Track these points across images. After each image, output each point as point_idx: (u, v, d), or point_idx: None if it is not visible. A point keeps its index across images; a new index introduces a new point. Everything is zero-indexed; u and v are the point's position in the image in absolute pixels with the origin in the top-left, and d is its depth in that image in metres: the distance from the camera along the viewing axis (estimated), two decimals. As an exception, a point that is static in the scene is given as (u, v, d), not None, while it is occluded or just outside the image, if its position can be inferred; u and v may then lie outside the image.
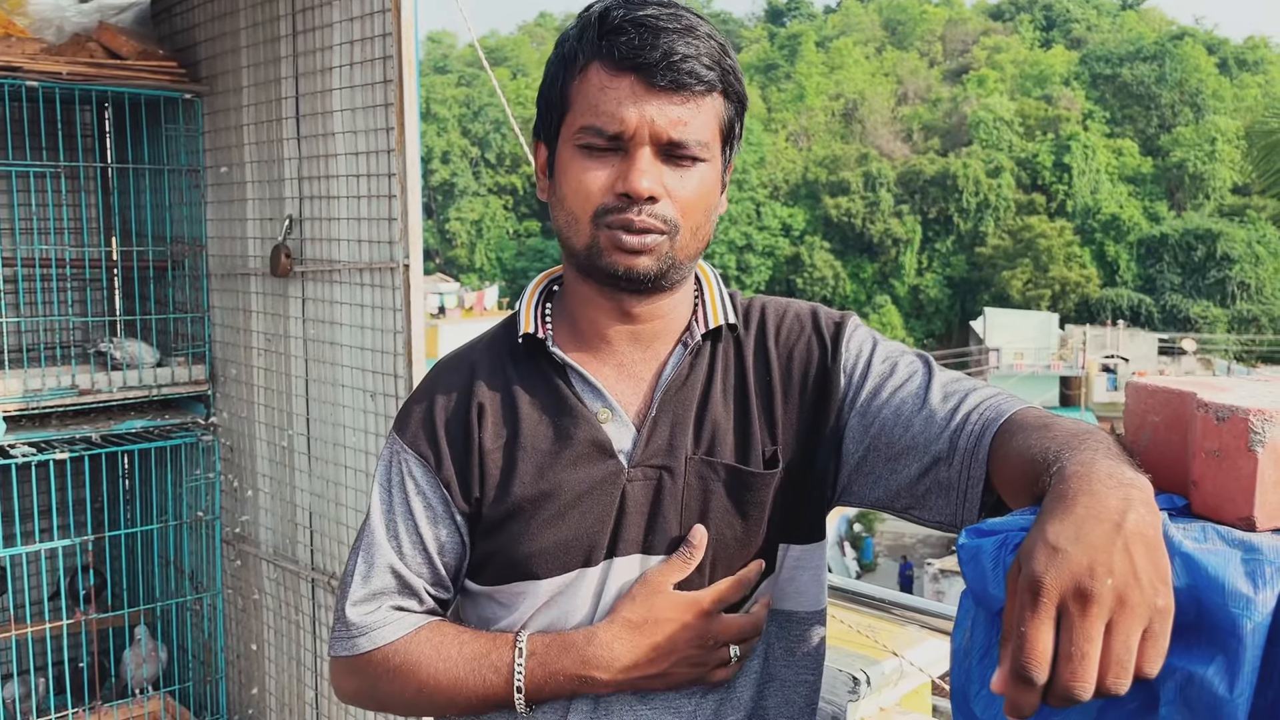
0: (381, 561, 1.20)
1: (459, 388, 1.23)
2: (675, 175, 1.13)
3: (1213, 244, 46.64)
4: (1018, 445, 1.01)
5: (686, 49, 1.10)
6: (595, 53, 1.12)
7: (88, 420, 3.25)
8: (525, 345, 1.23)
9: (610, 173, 1.12)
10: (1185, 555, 0.78)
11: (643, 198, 1.11)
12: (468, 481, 1.20)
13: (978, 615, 0.88)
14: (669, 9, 1.12)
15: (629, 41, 1.10)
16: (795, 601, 1.25)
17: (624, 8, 1.12)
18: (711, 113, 1.14)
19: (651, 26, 1.10)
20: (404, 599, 1.21)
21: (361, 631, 1.19)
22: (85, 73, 3.05)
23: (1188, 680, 0.75)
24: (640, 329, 1.22)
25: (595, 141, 1.12)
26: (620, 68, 1.10)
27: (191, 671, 3.55)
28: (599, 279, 1.18)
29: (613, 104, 1.10)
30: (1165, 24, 67.27)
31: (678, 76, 1.09)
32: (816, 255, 52.56)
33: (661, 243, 1.14)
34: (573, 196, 1.15)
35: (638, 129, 1.10)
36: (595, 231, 1.14)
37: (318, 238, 2.86)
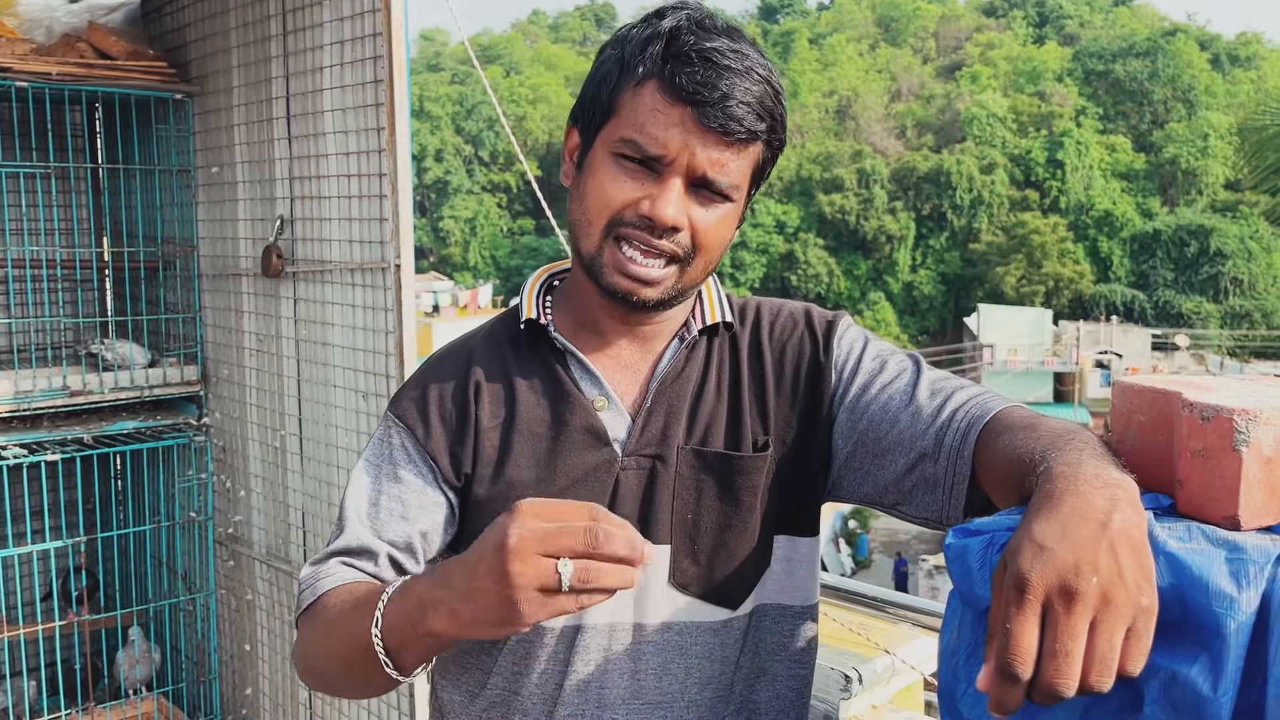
0: (348, 529, 1.19)
1: (456, 370, 1.24)
2: (701, 209, 1.14)
3: (1205, 240, 46.77)
4: (1004, 445, 1.02)
5: (744, 95, 1.10)
6: (657, 72, 1.11)
7: (79, 421, 3.24)
8: (527, 332, 1.25)
9: (638, 189, 1.13)
10: (1170, 555, 0.78)
11: (666, 226, 1.12)
12: (459, 457, 1.20)
13: (965, 615, 0.88)
14: (735, 46, 1.12)
15: (692, 75, 1.09)
16: (790, 596, 1.26)
17: (695, 35, 1.11)
18: (750, 158, 1.15)
19: (717, 64, 1.10)
20: (358, 559, 1.17)
21: (306, 585, 1.16)
22: (75, 73, 3.05)
23: (1172, 679, 0.75)
24: (640, 329, 1.24)
25: (632, 155, 1.12)
26: (677, 97, 1.10)
27: (185, 672, 3.55)
28: (599, 290, 1.19)
29: (660, 129, 1.10)
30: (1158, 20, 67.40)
31: (728, 123, 1.10)
32: (811, 252, 52.62)
33: (671, 274, 1.15)
34: (594, 198, 1.15)
35: (677, 158, 1.11)
36: (603, 241, 1.15)
37: (309, 238, 2.86)
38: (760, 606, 1.24)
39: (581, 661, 1.19)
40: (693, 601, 1.20)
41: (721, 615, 1.21)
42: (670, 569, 1.20)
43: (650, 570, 1.19)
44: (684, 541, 1.20)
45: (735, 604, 1.22)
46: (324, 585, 1.14)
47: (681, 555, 1.20)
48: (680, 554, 1.20)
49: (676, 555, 1.20)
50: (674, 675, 1.20)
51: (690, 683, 1.20)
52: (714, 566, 1.20)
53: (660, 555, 1.20)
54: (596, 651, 1.19)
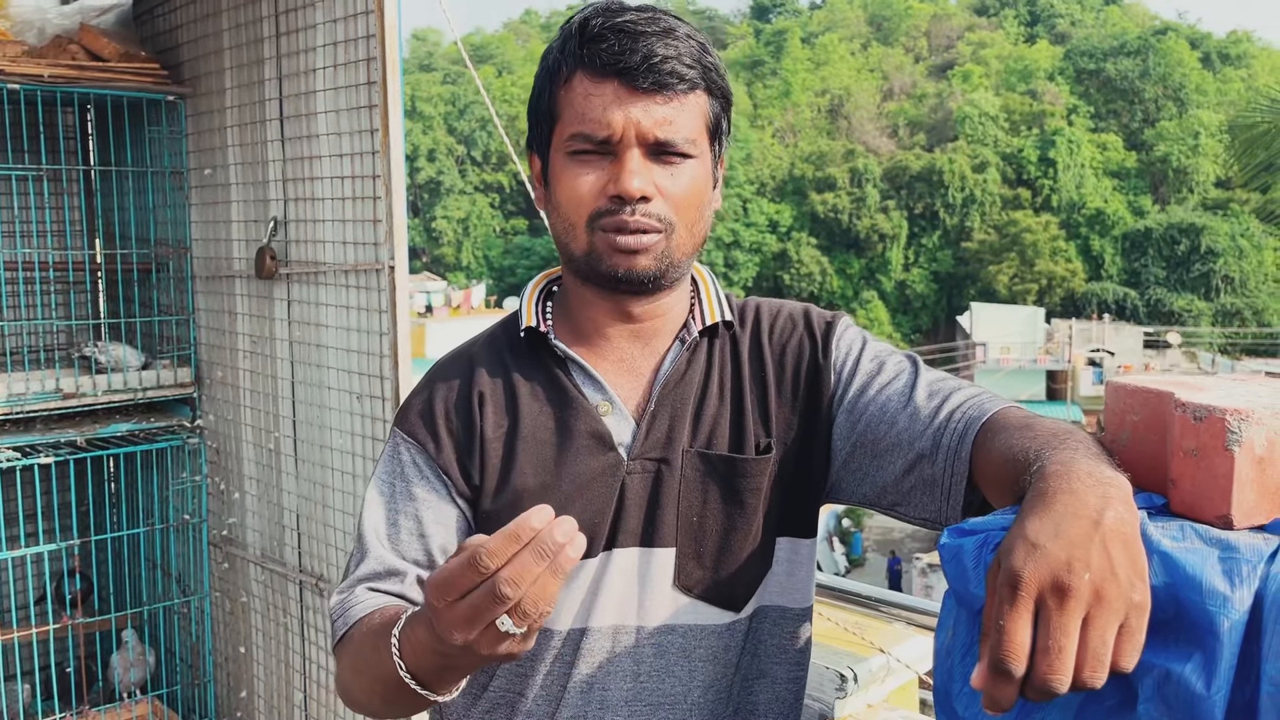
0: (371, 553, 1.19)
1: (459, 379, 1.25)
2: (665, 174, 1.15)
3: (1196, 238, 46.89)
4: (1000, 444, 1.02)
5: (666, 50, 1.12)
6: (578, 62, 1.14)
7: (73, 424, 3.23)
8: (527, 339, 1.25)
9: (602, 176, 1.14)
10: (1163, 553, 0.79)
11: (634, 198, 1.13)
12: (468, 467, 1.21)
13: (960, 614, 0.89)
14: (647, 14, 1.15)
15: (610, 48, 1.12)
16: (789, 597, 1.26)
17: (603, 16, 1.14)
18: (696, 110, 1.16)
19: (630, 31, 1.12)
20: (382, 581, 1.17)
21: (337, 615, 1.16)
22: (67, 75, 3.04)
23: (1165, 677, 0.76)
24: (640, 327, 1.24)
25: (585, 147, 1.14)
26: (603, 74, 1.12)
27: (180, 675, 3.54)
28: (599, 282, 1.20)
29: (598, 110, 1.12)
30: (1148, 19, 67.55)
31: (659, 77, 1.12)
32: (803, 251, 52.65)
33: (658, 242, 1.16)
34: (567, 203, 1.17)
35: (624, 132, 1.12)
36: (591, 236, 1.16)
37: (302, 239, 2.86)
38: (761, 608, 1.24)
39: (585, 664, 1.19)
40: (697, 604, 1.20)
41: (725, 618, 1.21)
42: (675, 572, 1.20)
43: (656, 572, 1.19)
44: (689, 544, 1.20)
45: (739, 606, 1.22)
46: (354, 614, 1.14)
47: (687, 558, 1.20)
48: (685, 557, 1.20)
49: (682, 558, 1.20)
50: (677, 677, 1.20)
51: (693, 685, 1.20)
52: (719, 569, 1.20)
53: (665, 558, 1.20)
54: (600, 653, 1.19)
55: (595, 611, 1.18)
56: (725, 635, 1.22)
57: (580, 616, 1.19)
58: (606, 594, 1.18)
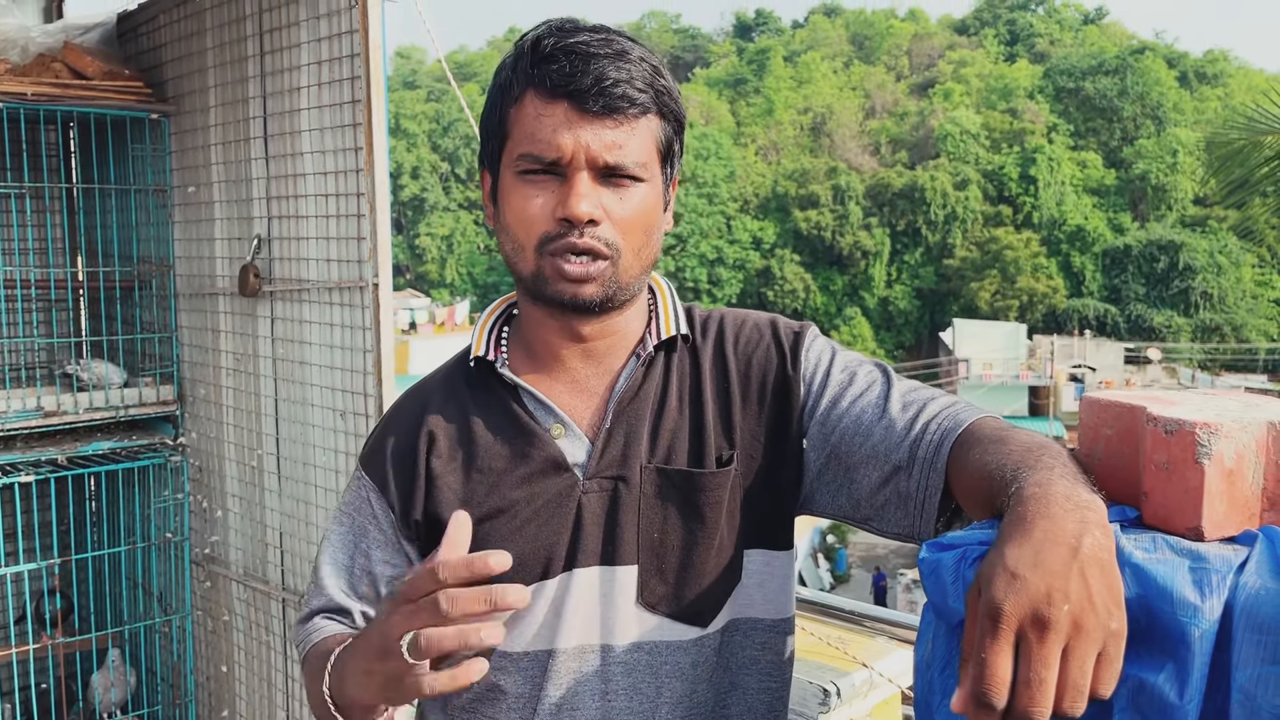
0: (324, 585, 1.27)
1: (412, 417, 1.26)
2: (614, 197, 1.14)
3: (1175, 254, 47.33)
4: (975, 458, 1.02)
5: (618, 74, 1.11)
6: (529, 81, 1.13)
7: (53, 442, 3.21)
8: (478, 369, 1.26)
9: (550, 199, 1.13)
10: (1135, 565, 0.80)
11: (582, 221, 1.12)
12: (408, 507, 1.23)
13: (938, 628, 0.90)
14: (600, 35, 1.13)
15: (561, 69, 1.11)
16: (761, 609, 1.25)
17: (556, 35, 1.13)
18: (647, 134, 1.15)
19: (582, 53, 1.11)
20: (336, 615, 1.26)
21: (300, 642, 1.26)
22: (50, 93, 3.04)
23: (1139, 687, 0.77)
24: (592, 346, 1.23)
25: (533, 168, 1.13)
26: (553, 95, 1.11)
27: (161, 694, 3.52)
28: (546, 304, 1.19)
29: (548, 131, 1.11)
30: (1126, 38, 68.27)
31: (610, 101, 1.11)
32: (787, 268, 52.85)
33: (605, 269, 1.15)
34: (516, 224, 1.16)
35: (574, 154, 1.11)
36: (539, 260, 1.15)
37: (286, 257, 2.86)
38: (732, 622, 1.23)
39: (554, 685, 1.18)
40: (662, 621, 1.19)
41: (692, 634, 1.20)
42: (638, 589, 1.19)
43: (619, 590, 1.19)
44: (651, 561, 1.19)
45: (706, 622, 1.21)
46: (309, 643, 1.24)
47: (649, 575, 1.19)
48: (648, 574, 1.19)
49: (644, 575, 1.19)
50: (645, 695, 1.19)
51: (661, 702, 1.19)
52: (682, 585, 1.19)
53: (628, 576, 1.19)
54: (568, 675, 1.18)
55: (560, 633, 1.18)
56: (693, 650, 1.20)
57: (545, 638, 1.18)
58: (570, 614, 1.18)
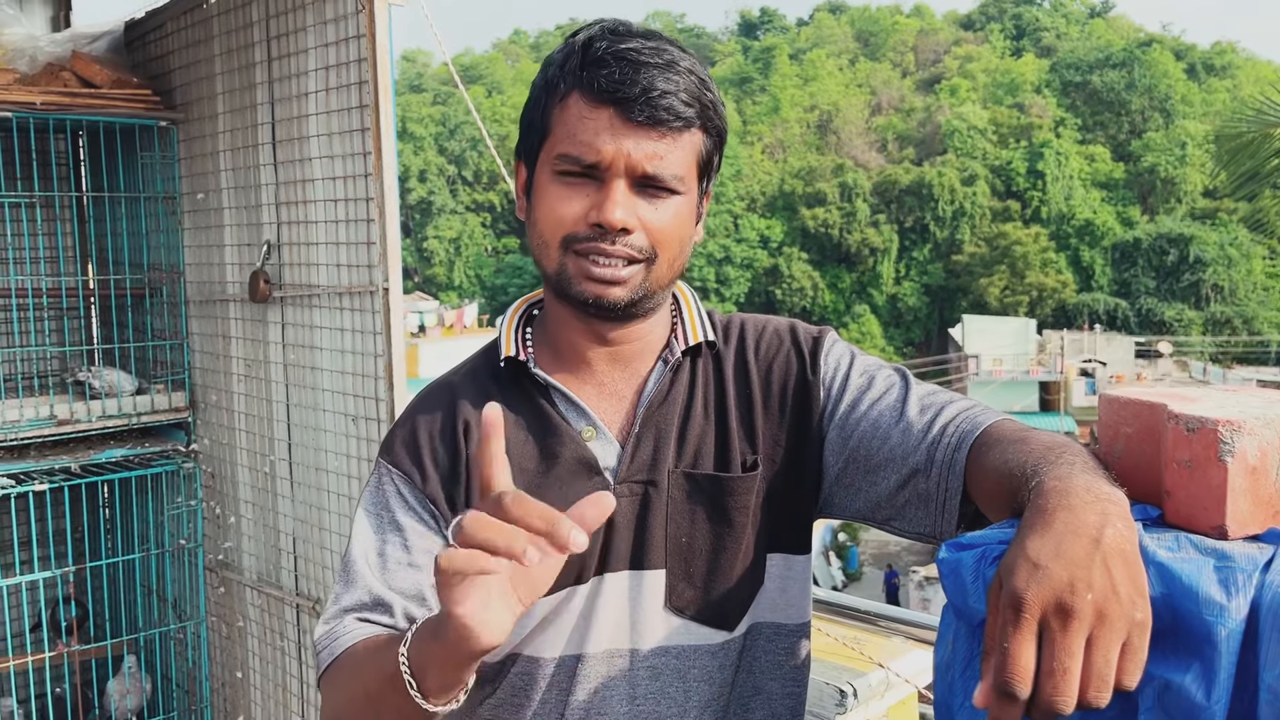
0: (359, 582, 1.18)
1: (443, 409, 1.24)
2: (650, 207, 1.14)
3: (1185, 247, 47.16)
4: (994, 459, 1.02)
5: (666, 85, 1.10)
6: (577, 82, 1.13)
7: (67, 450, 3.22)
8: (508, 368, 1.24)
9: (584, 202, 1.13)
10: (1160, 564, 0.79)
11: (615, 229, 1.12)
12: (454, 496, 1.19)
13: (959, 628, 0.89)
14: (652, 43, 1.13)
15: (610, 75, 1.10)
16: (783, 614, 1.26)
17: (608, 39, 1.13)
18: (689, 147, 1.15)
19: (633, 61, 1.11)
20: (373, 613, 1.16)
21: (324, 646, 1.15)
22: (59, 102, 3.05)
23: (1165, 688, 0.77)
24: (618, 350, 1.23)
25: (571, 169, 1.13)
26: (600, 100, 1.11)
27: (176, 701, 3.52)
28: (570, 303, 1.19)
29: (590, 134, 1.11)
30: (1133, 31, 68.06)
31: (655, 113, 1.10)
32: (794, 266, 52.80)
33: (637, 273, 1.15)
34: (545, 221, 1.16)
35: (614, 161, 1.11)
36: (563, 258, 1.15)
37: (296, 263, 2.86)
38: (755, 626, 1.24)
39: (582, 689, 1.18)
40: (689, 625, 1.20)
41: (719, 637, 1.21)
42: (666, 593, 1.19)
43: (647, 595, 1.19)
44: (679, 565, 1.19)
45: (731, 625, 1.21)
46: (344, 643, 1.12)
47: (677, 579, 1.19)
48: (676, 578, 1.19)
49: (672, 579, 1.19)
50: (672, 699, 1.20)
51: (689, 706, 1.20)
52: (709, 589, 1.20)
53: (656, 580, 1.19)
54: (596, 679, 1.18)
55: (589, 637, 1.18)
56: (719, 654, 1.21)
57: (574, 643, 1.18)
58: (600, 619, 1.18)
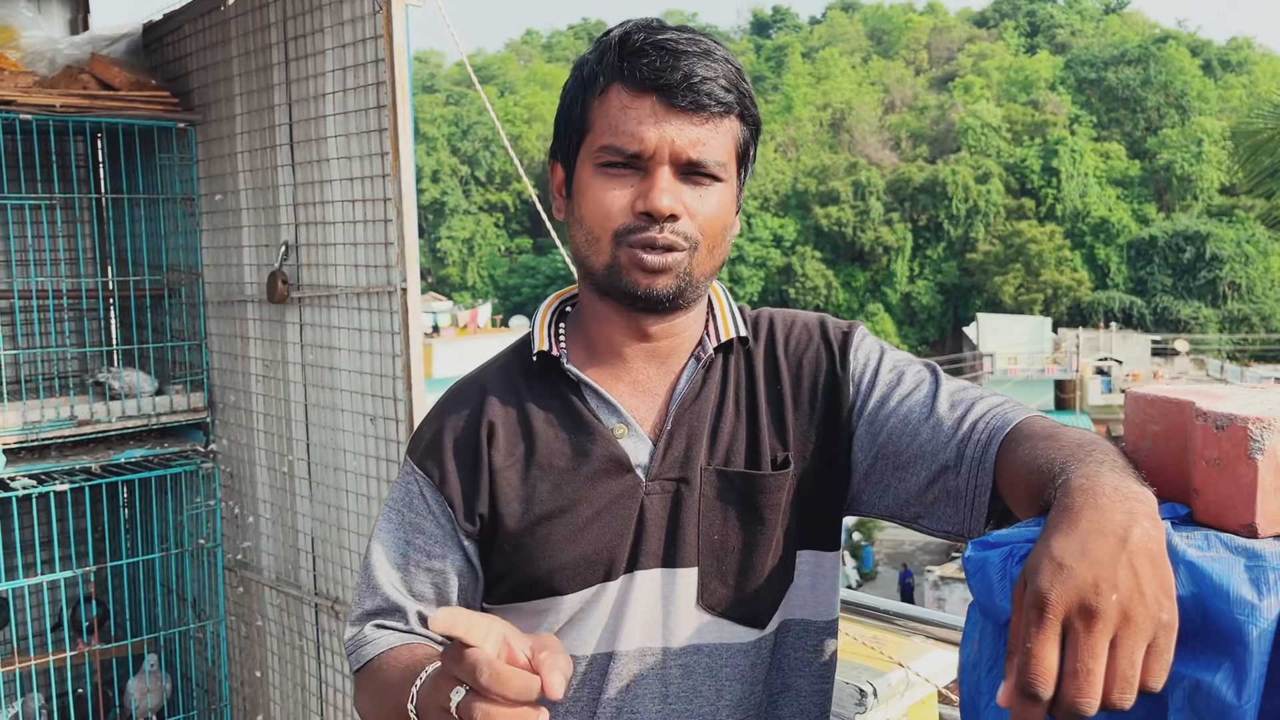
0: (377, 583, 1.22)
1: (469, 409, 1.24)
2: (694, 194, 1.15)
3: (1202, 245, 46.84)
4: (1024, 455, 1.02)
5: (706, 71, 1.12)
6: (616, 74, 1.14)
7: (87, 451, 3.24)
8: (540, 364, 1.24)
9: (630, 192, 1.14)
10: (1189, 563, 0.79)
11: (664, 216, 1.12)
12: (472, 500, 1.20)
13: (985, 627, 0.89)
14: (688, 34, 1.15)
15: (650, 63, 1.12)
16: (812, 610, 1.26)
17: (644, 32, 1.15)
18: (729, 134, 1.16)
19: (672, 49, 1.12)
20: (389, 619, 1.22)
21: (351, 650, 1.23)
22: (78, 104, 3.07)
23: (1195, 688, 0.76)
24: (656, 346, 1.23)
25: (615, 159, 1.14)
26: (642, 88, 1.12)
27: (196, 700, 3.54)
28: (617, 298, 1.19)
29: (633, 123, 1.12)
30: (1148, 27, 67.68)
31: (697, 98, 1.12)
32: (808, 265, 52.66)
33: (681, 259, 1.15)
34: (592, 216, 1.16)
35: (658, 148, 1.12)
36: (616, 250, 1.15)
37: (314, 263, 2.87)
38: (785, 623, 1.24)
39: (614, 687, 1.18)
40: (722, 623, 1.20)
41: (750, 635, 1.21)
42: (699, 591, 1.19)
43: (680, 592, 1.19)
44: (712, 563, 1.19)
45: (763, 623, 1.21)
46: (366, 653, 1.20)
47: (710, 577, 1.19)
48: (709, 576, 1.19)
49: (705, 577, 1.19)
50: (705, 697, 1.19)
51: (721, 704, 1.20)
52: (742, 586, 1.19)
53: (688, 578, 1.19)
54: (628, 676, 1.18)
55: (621, 635, 1.18)
56: (751, 652, 1.21)
57: (606, 640, 1.18)
58: (631, 616, 1.18)
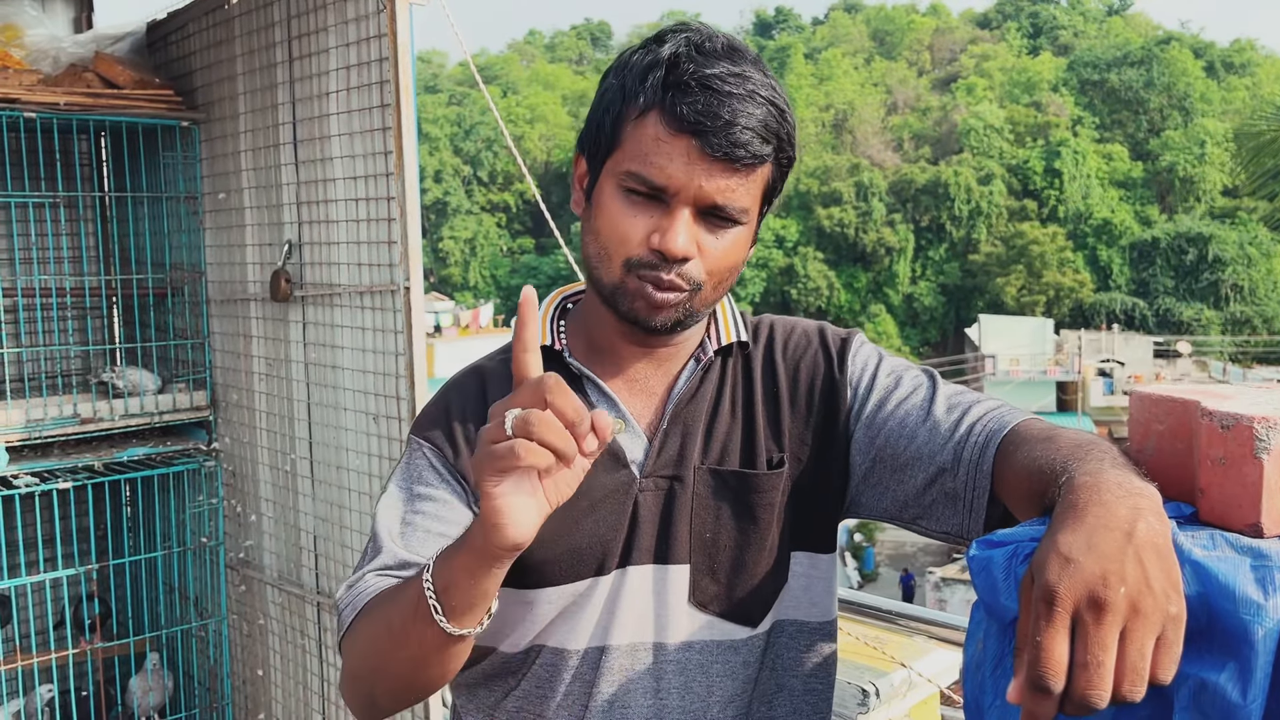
0: (385, 550, 1.17)
1: (474, 391, 1.25)
2: (710, 236, 1.14)
3: (1204, 247, 46.81)
4: (1023, 456, 1.02)
5: (747, 120, 1.09)
6: (658, 102, 1.11)
7: (90, 449, 3.25)
8: (542, 357, 1.25)
9: (649, 223, 1.12)
10: (1195, 563, 0.79)
11: (676, 258, 1.12)
12: None
13: (990, 627, 0.88)
14: (736, 70, 1.11)
15: (694, 105, 1.08)
16: (807, 612, 1.26)
17: (694, 62, 1.10)
18: (759, 182, 1.14)
19: (718, 91, 1.09)
20: (397, 572, 1.14)
21: (346, 604, 1.14)
22: (82, 103, 3.07)
23: (1201, 687, 0.76)
24: (657, 352, 1.25)
25: (638, 188, 1.12)
26: (680, 128, 1.09)
27: (198, 698, 3.55)
28: (619, 316, 1.19)
29: (664, 159, 1.10)
30: (1151, 29, 67.62)
31: (733, 150, 1.09)
32: (810, 266, 52.63)
33: (682, 299, 1.15)
34: (608, 236, 1.15)
35: (684, 189, 1.10)
36: (625, 276, 1.15)
37: (317, 262, 2.87)
38: (778, 623, 1.25)
39: (606, 682, 1.19)
40: (713, 620, 1.21)
41: (742, 633, 1.22)
42: (690, 588, 1.20)
43: (671, 589, 1.20)
44: (703, 561, 1.20)
45: (755, 622, 1.22)
46: (365, 597, 1.12)
47: (701, 574, 1.20)
48: (700, 573, 1.20)
49: (696, 574, 1.20)
50: (696, 694, 1.20)
51: (712, 701, 1.21)
52: (733, 585, 1.20)
53: (680, 575, 1.20)
54: (620, 672, 1.19)
55: (614, 630, 1.19)
56: (743, 650, 1.22)
57: (598, 635, 1.19)
58: (624, 611, 1.19)
